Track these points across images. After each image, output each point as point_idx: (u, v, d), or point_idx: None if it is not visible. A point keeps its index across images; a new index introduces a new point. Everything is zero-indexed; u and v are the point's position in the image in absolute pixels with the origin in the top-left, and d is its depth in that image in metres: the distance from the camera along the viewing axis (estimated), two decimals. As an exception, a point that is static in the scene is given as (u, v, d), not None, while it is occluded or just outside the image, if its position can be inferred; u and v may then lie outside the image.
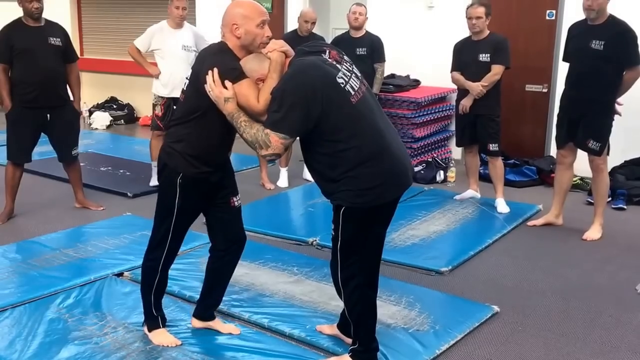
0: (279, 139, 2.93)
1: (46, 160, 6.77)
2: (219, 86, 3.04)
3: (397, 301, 4.08)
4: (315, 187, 6.59)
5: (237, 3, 3.21)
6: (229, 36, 3.18)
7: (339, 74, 3.00)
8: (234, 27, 3.12)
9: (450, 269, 4.64)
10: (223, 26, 3.19)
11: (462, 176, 6.68)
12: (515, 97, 7.21)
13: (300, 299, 4.09)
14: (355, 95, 3.00)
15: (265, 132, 2.94)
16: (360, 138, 2.96)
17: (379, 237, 3.33)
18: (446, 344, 3.59)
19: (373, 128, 3.01)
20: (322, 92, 2.91)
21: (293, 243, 5.13)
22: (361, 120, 2.98)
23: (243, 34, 3.13)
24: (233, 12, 3.15)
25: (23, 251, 4.84)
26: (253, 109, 3.04)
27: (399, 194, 3.16)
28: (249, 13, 3.13)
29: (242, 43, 3.15)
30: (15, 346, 3.46)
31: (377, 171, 3.00)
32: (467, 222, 5.66)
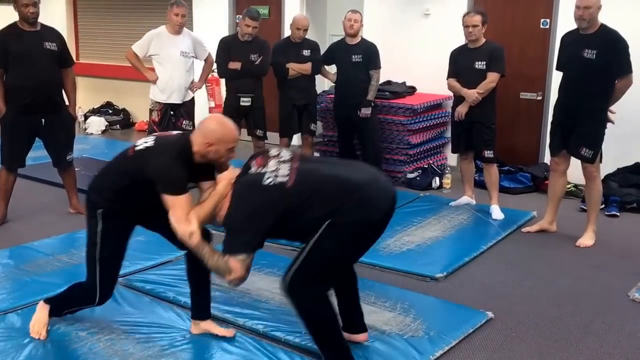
0: (237, 261, 3.07)
1: (40, 165, 6.76)
2: (182, 223, 3.18)
3: (392, 307, 4.09)
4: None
5: (220, 123, 3.37)
6: (200, 144, 3.31)
7: (265, 178, 3.13)
8: (207, 143, 3.29)
9: (445, 275, 4.66)
10: (199, 133, 3.33)
11: (458, 183, 6.70)
12: (510, 105, 7.24)
13: (295, 305, 4.09)
14: (289, 179, 3.12)
15: (224, 259, 3.10)
16: (317, 203, 3.09)
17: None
18: (440, 350, 3.60)
19: (325, 183, 3.16)
20: (264, 206, 3.08)
21: (289, 249, 5.11)
22: (308, 191, 3.12)
23: (212, 151, 3.31)
24: (213, 130, 3.31)
25: (16, 257, 4.83)
26: (180, 228, 3.20)
27: (379, 215, 3.16)
28: (226, 138, 3.31)
29: (207, 156, 3.33)
30: (8, 352, 3.46)
31: (351, 206, 3.08)
32: (462, 229, 5.68)
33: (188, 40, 6.49)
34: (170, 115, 6.53)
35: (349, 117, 6.59)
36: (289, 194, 3.09)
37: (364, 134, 6.64)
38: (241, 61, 6.35)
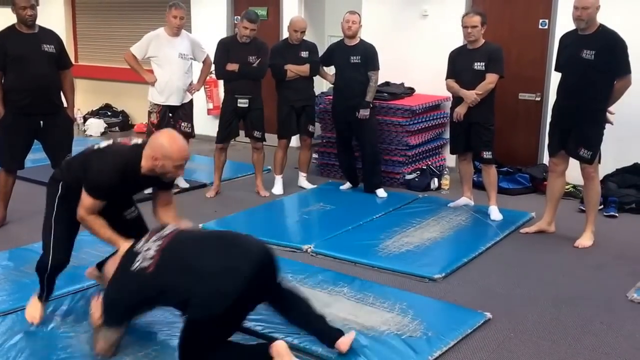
0: (102, 338, 3.37)
1: (39, 167, 6.76)
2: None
3: (391, 308, 4.09)
4: (310, 194, 6.71)
5: (170, 140, 3.50)
6: (147, 158, 3.49)
7: (135, 261, 3.29)
8: (153, 157, 3.47)
9: (443, 276, 4.66)
10: (148, 147, 3.51)
11: (456, 184, 6.71)
12: (509, 106, 7.24)
13: (293, 305, 4.09)
14: (151, 263, 3.24)
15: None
16: (172, 289, 3.19)
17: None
18: (439, 351, 3.60)
19: (180, 271, 3.21)
20: (127, 293, 3.28)
21: (288, 250, 5.13)
22: (165, 276, 3.21)
23: (159, 166, 3.48)
24: (162, 145, 3.47)
25: (15, 258, 4.83)
26: (78, 210, 3.52)
27: (226, 303, 3.13)
28: (173, 155, 3.46)
29: (154, 170, 3.51)
30: (8, 354, 3.46)
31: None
32: (460, 230, 5.68)
33: (186, 42, 6.49)
34: (168, 117, 6.54)
35: (348, 119, 6.59)
36: (148, 279, 3.22)
37: (363, 135, 6.64)
38: (239, 63, 6.35)
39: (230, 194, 6.77)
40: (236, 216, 5.98)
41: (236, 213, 6.06)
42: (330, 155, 7.42)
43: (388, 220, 5.88)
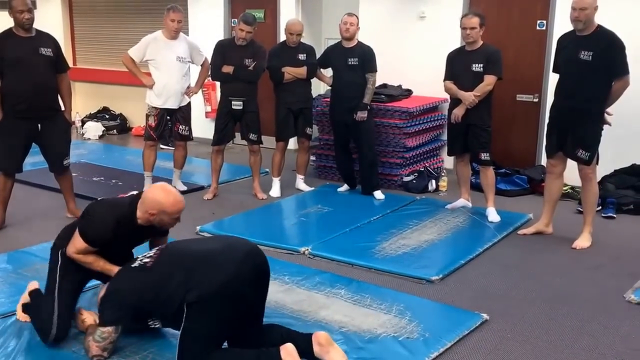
0: (94, 342, 3.37)
1: (38, 171, 6.78)
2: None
3: (388, 310, 4.09)
4: (308, 197, 6.71)
5: (165, 194, 3.61)
6: (143, 212, 3.60)
7: (134, 263, 3.45)
8: (150, 213, 3.58)
9: (441, 278, 4.66)
10: (142, 202, 3.60)
11: (454, 185, 6.71)
12: (507, 107, 7.24)
13: (291, 308, 4.10)
14: (151, 260, 3.40)
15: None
16: (172, 278, 3.25)
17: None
18: (435, 352, 3.60)
19: (178, 258, 3.35)
20: (129, 286, 3.37)
21: (285, 252, 5.14)
22: (164, 267, 3.33)
23: (157, 220, 3.61)
24: (157, 201, 3.57)
25: (14, 261, 4.84)
26: (69, 246, 3.64)
27: (220, 280, 3.21)
28: (169, 210, 3.58)
29: (152, 223, 3.63)
30: (5, 355, 3.46)
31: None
32: (458, 231, 5.68)
33: (184, 45, 6.50)
34: (166, 120, 6.54)
35: (345, 121, 6.59)
36: (147, 273, 3.34)
37: (360, 138, 6.64)
38: (234, 65, 6.35)
39: (228, 196, 6.77)
40: (234, 218, 5.98)
41: (233, 215, 6.06)
42: (327, 157, 7.42)
43: (385, 222, 5.88)
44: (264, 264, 3.41)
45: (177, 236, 4.21)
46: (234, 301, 3.23)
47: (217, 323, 3.23)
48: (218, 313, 3.19)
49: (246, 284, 3.27)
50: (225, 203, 6.53)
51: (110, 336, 3.36)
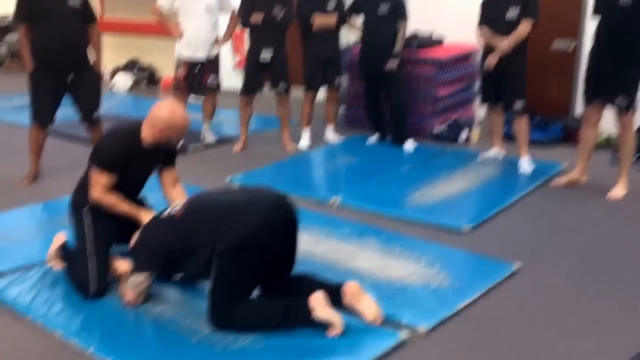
0: (130, 287, 3.44)
1: (70, 122, 6.80)
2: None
3: (418, 259, 4.08)
4: (337, 147, 6.67)
5: (171, 111, 3.65)
6: (150, 130, 3.65)
7: (163, 214, 3.50)
8: (159, 130, 3.62)
9: (471, 228, 4.62)
10: (149, 120, 3.64)
11: (486, 135, 6.64)
12: (542, 54, 7.09)
13: (320, 257, 4.10)
14: (179, 211, 3.41)
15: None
16: (200, 228, 3.27)
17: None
18: (466, 301, 3.58)
19: (205, 209, 3.38)
20: (158, 236, 3.40)
21: (314, 203, 5.13)
22: (191, 218, 3.35)
23: (164, 137, 3.65)
24: (163, 116, 3.62)
25: (49, 211, 4.90)
26: (89, 190, 3.68)
27: (249, 230, 3.21)
28: (176, 125, 3.64)
29: (160, 142, 3.68)
30: (43, 302, 3.52)
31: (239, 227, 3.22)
32: (490, 181, 5.62)
33: (213, -5, 6.44)
34: (195, 71, 6.51)
35: (376, 70, 6.51)
36: (176, 223, 3.36)
37: (391, 88, 6.56)
38: (263, 13, 6.27)
39: (257, 147, 6.76)
40: (263, 170, 5.97)
41: (263, 167, 6.05)
42: (357, 107, 7.35)
43: (416, 172, 5.85)
44: (292, 212, 3.40)
45: (206, 187, 4.21)
46: (263, 250, 3.24)
47: (246, 272, 3.25)
48: (247, 262, 3.21)
49: (274, 233, 3.27)
50: (255, 154, 6.53)
51: (144, 283, 3.40)
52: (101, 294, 3.56)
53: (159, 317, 3.38)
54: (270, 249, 3.28)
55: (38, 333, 3.31)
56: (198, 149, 6.70)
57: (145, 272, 3.40)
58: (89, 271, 3.54)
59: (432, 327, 3.34)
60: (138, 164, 3.76)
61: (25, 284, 3.71)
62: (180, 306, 3.51)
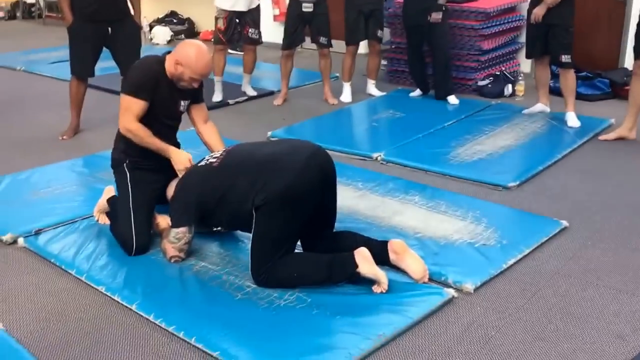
0: (170, 243, 3.40)
1: (110, 76, 6.78)
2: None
3: (463, 216, 4.00)
4: (379, 102, 6.58)
5: (197, 51, 3.59)
6: (171, 61, 3.62)
7: (201, 162, 3.48)
8: (176, 62, 3.57)
9: (518, 184, 4.52)
10: (174, 51, 3.64)
11: (531, 89, 6.48)
12: (590, 6, 6.86)
13: (364, 213, 4.04)
14: (217, 160, 3.38)
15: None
16: (239, 178, 3.23)
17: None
18: (513, 258, 3.51)
19: (244, 159, 3.34)
20: (196, 184, 3.36)
21: (357, 158, 5.06)
22: (230, 167, 3.32)
23: (178, 72, 3.59)
24: (187, 54, 3.58)
25: (90, 165, 4.90)
26: (119, 123, 3.68)
27: (287, 181, 3.15)
28: (194, 66, 3.57)
29: (174, 75, 3.62)
30: (87, 257, 3.53)
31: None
32: (536, 137, 5.50)
33: (253, -56, 6.32)
34: (235, 24, 6.43)
35: (419, 23, 6.36)
36: (215, 172, 3.32)
37: (434, 40, 6.42)
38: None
39: (298, 101, 6.69)
40: (304, 124, 5.92)
41: (304, 121, 6.00)
42: (399, 61, 7.22)
43: (460, 127, 5.73)
44: (330, 163, 3.35)
45: (246, 141, 4.16)
46: (302, 202, 3.18)
47: (287, 226, 3.20)
48: (286, 215, 3.16)
49: (313, 185, 3.21)
50: (296, 108, 6.46)
51: (185, 237, 3.37)
52: (144, 249, 3.55)
53: (202, 274, 3.37)
54: (310, 200, 3.23)
55: (82, 288, 3.32)
56: (238, 103, 6.64)
57: (184, 226, 3.37)
58: (131, 227, 3.52)
59: (479, 286, 3.27)
60: (164, 99, 3.68)
61: (68, 239, 3.72)
62: (224, 262, 3.49)
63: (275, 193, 3.12)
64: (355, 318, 3.00)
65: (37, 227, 3.82)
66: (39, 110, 6.49)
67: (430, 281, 3.29)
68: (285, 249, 3.22)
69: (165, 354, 2.80)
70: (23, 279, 3.41)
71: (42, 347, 2.84)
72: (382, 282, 3.17)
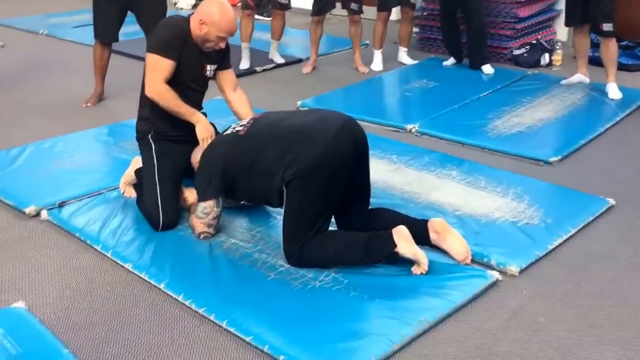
0: (198, 219, 3.24)
1: (135, 41, 6.62)
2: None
3: (504, 193, 3.82)
4: (411, 71, 6.37)
5: (221, 8, 3.40)
6: (195, 21, 3.42)
7: (227, 131, 3.29)
8: (200, 22, 3.38)
9: (559, 159, 4.33)
10: (198, 11, 3.43)
11: (569, 59, 6.26)
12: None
13: (400, 189, 3.87)
14: (244, 129, 3.19)
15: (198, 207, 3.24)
16: (267, 148, 3.05)
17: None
18: (559, 239, 3.33)
19: (272, 128, 3.16)
20: (221, 154, 3.19)
21: (391, 130, 4.88)
22: (257, 136, 3.14)
23: (203, 33, 3.39)
24: (211, 12, 3.38)
25: (115, 134, 4.75)
26: (145, 84, 3.47)
27: (319, 151, 2.98)
28: (219, 23, 3.37)
29: (199, 36, 3.41)
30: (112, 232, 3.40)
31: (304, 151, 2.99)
32: (575, 109, 5.27)
33: None
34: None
35: (453, -11, 6.14)
36: (242, 141, 3.14)
37: (469, 7, 6.18)
38: None
39: (328, 69, 6.49)
40: (334, 93, 5.72)
41: (335, 90, 5.80)
42: (432, 28, 6.99)
43: (496, 98, 5.51)
44: (362, 134, 3.18)
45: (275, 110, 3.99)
46: (335, 175, 3.02)
47: (320, 200, 3.03)
48: (319, 189, 3.00)
49: (345, 157, 3.04)
50: (325, 77, 6.27)
51: (213, 211, 3.21)
52: (171, 225, 3.40)
53: (232, 251, 3.22)
54: (342, 173, 3.06)
55: (108, 264, 3.18)
56: (266, 70, 6.45)
57: (211, 199, 3.20)
58: (157, 202, 3.37)
59: (524, 268, 3.10)
60: (192, 62, 3.50)
61: (93, 212, 3.59)
62: (255, 239, 3.34)
63: (306, 166, 2.95)
64: (395, 301, 2.85)
65: (61, 199, 3.68)
66: (62, 76, 6.34)
67: (472, 262, 3.13)
68: (319, 226, 3.05)
69: (196, 337, 2.67)
70: (46, 254, 3.29)
71: (67, 328, 2.71)
72: (422, 263, 3.01)
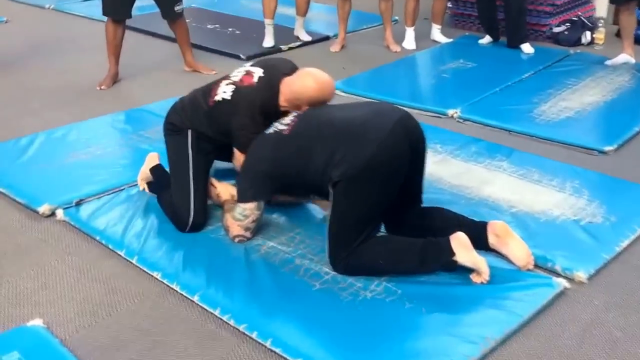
0: (235, 221, 2.96)
1: (149, 16, 6.29)
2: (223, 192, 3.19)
3: (561, 187, 3.50)
4: (446, 49, 6.02)
5: (319, 85, 3.08)
6: (289, 101, 3.09)
7: (269, 130, 2.97)
8: (295, 99, 3.07)
9: (615, 148, 4.00)
10: (292, 90, 3.08)
11: (611, 37, 5.95)
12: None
13: (449, 182, 3.56)
14: (288, 127, 2.91)
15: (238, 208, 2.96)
16: (314, 147, 2.78)
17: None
18: (627, 240, 3.03)
19: (320, 126, 2.87)
20: (264, 155, 2.91)
21: (430, 115, 4.54)
22: (303, 135, 2.86)
23: (294, 106, 3.07)
24: (307, 89, 3.06)
25: (132, 121, 4.45)
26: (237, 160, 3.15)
27: (371, 149, 2.69)
28: (318, 99, 3.06)
29: (289, 105, 3.09)
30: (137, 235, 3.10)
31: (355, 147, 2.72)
32: (625, 92, 4.92)
33: None
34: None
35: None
36: (287, 141, 2.87)
37: (506, -19, 5.83)
38: None
39: (357, 48, 6.15)
40: (366, 74, 5.39)
41: (366, 71, 5.46)
42: (466, 4, 6.63)
43: (539, 80, 5.17)
44: (419, 131, 2.89)
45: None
46: (388, 176, 2.73)
47: (371, 203, 2.75)
48: (370, 192, 2.72)
49: (399, 158, 2.74)
50: (355, 56, 5.93)
51: (252, 214, 2.92)
52: (199, 227, 3.11)
53: (271, 256, 2.92)
54: (396, 174, 2.77)
55: (134, 272, 2.89)
56: (291, 49, 6.09)
57: (253, 202, 2.91)
58: (189, 200, 3.08)
59: (593, 274, 2.80)
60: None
61: (114, 212, 3.29)
62: (294, 242, 3.03)
63: (356, 166, 2.66)
64: (455, 315, 2.57)
65: (78, 196, 3.37)
66: (73, 55, 6.02)
67: (535, 268, 2.83)
68: (368, 232, 2.77)
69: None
70: (65, 260, 2.98)
71: (91, 349, 2.43)
72: (483, 272, 2.71)
